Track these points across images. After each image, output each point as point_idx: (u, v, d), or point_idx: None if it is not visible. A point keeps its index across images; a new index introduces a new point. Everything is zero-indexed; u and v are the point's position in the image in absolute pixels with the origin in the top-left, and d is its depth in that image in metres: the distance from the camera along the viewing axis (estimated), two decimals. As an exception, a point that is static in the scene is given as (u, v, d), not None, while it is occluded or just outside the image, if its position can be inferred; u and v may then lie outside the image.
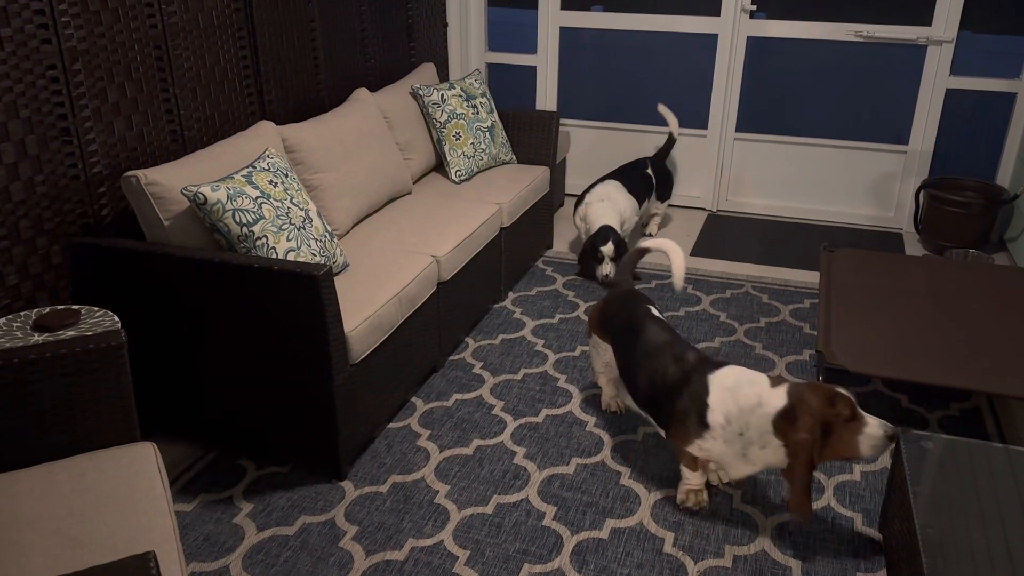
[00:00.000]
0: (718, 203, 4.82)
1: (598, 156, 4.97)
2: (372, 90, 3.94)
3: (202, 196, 2.37)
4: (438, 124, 3.77)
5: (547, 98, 4.94)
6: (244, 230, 2.42)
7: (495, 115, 3.94)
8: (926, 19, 4.18)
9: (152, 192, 2.43)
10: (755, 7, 4.39)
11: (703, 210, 4.85)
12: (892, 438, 2.09)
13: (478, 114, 3.85)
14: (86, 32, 2.44)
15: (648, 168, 4.23)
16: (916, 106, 4.34)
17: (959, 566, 1.78)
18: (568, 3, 4.72)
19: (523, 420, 2.83)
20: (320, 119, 3.20)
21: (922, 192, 4.30)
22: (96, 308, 2.27)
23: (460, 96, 3.83)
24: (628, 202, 3.98)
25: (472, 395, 2.97)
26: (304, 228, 2.58)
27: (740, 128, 4.66)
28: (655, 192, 4.28)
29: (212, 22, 2.93)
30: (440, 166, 3.96)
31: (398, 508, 2.41)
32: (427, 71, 4.09)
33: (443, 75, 4.84)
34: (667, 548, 2.27)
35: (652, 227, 4.46)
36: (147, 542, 1.61)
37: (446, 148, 3.77)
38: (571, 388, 3.01)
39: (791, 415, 2.09)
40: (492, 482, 2.52)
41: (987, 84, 4.21)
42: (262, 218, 2.45)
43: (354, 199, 3.17)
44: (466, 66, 4.97)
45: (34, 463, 1.84)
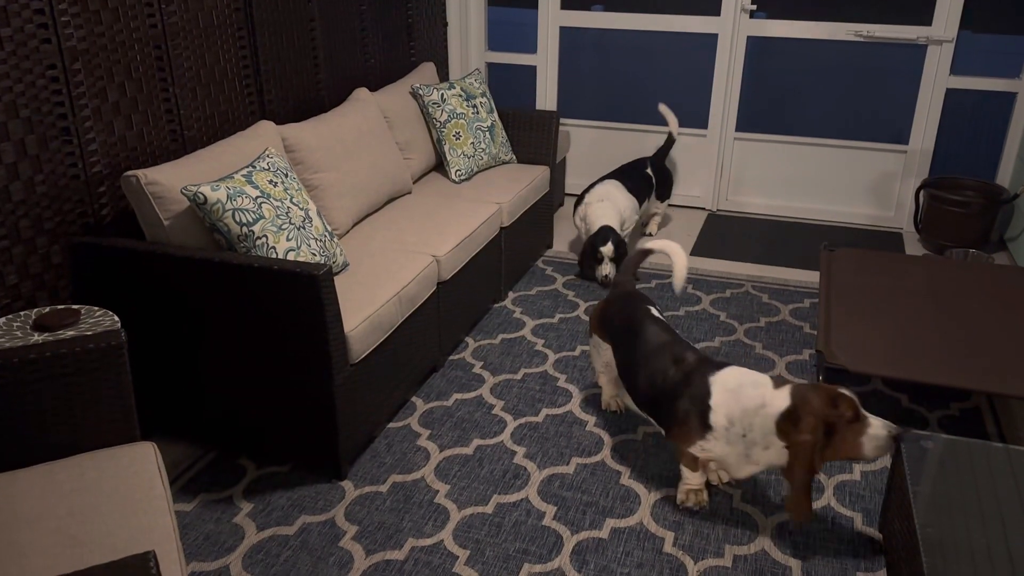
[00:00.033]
0: (718, 203, 4.82)
1: (598, 156, 4.97)
2: (372, 90, 3.94)
3: (202, 196, 2.37)
4: (438, 124, 3.77)
5: (547, 98, 4.94)
6: (244, 230, 2.42)
7: (495, 115, 3.94)
8: (926, 19, 4.18)
9: (152, 192, 2.43)
10: (755, 7, 4.39)
11: (703, 210, 4.85)
12: (896, 438, 2.08)
13: (478, 114, 3.85)
14: (86, 32, 2.44)
15: (648, 168, 4.23)
16: (916, 106, 4.34)
17: (959, 566, 1.78)
18: (568, 3, 4.72)
19: (523, 420, 2.83)
20: (320, 119, 3.20)
21: (922, 192, 4.30)
22: (96, 308, 2.27)
23: (460, 96, 3.83)
24: (628, 202, 3.97)
25: (472, 395, 2.97)
26: (304, 228, 2.58)
27: (740, 128, 4.66)
28: (655, 192, 4.28)
29: (212, 22, 2.93)
30: (440, 166, 3.96)
31: (398, 508, 2.41)
32: (427, 71, 4.09)
33: (443, 75, 4.84)
34: (667, 548, 2.27)
35: (652, 227, 4.46)
36: (147, 542, 1.61)
37: (446, 148, 3.77)
38: (571, 388, 3.01)
39: (794, 416, 2.09)
40: (492, 482, 2.52)
41: (987, 84, 4.20)
42: (262, 218, 2.45)
43: (354, 199, 3.17)
44: (466, 66, 4.97)
45: (34, 463, 1.84)
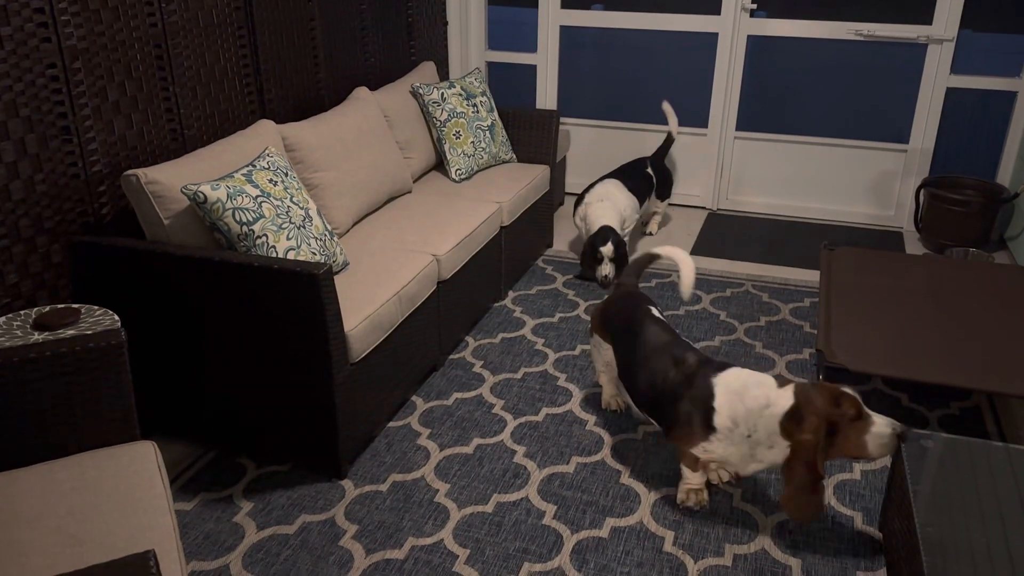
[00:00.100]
0: (718, 202, 4.82)
1: (598, 155, 4.97)
2: (372, 89, 3.94)
3: (202, 195, 2.37)
4: (438, 123, 3.76)
5: (547, 97, 4.94)
6: (244, 229, 2.42)
7: (495, 114, 3.94)
8: (926, 18, 4.18)
9: (152, 191, 2.43)
10: (755, 6, 4.39)
11: (703, 209, 4.84)
12: (900, 436, 2.08)
13: (478, 113, 3.85)
14: (86, 31, 2.44)
15: (648, 167, 4.23)
16: (916, 105, 4.33)
17: (959, 565, 1.78)
18: (568, 2, 4.71)
19: (523, 419, 2.83)
20: (320, 118, 3.20)
21: (922, 191, 4.30)
22: (96, 307, 2.27)
23: (460, 95, 3.83)
24: (628, 201, 3.97)
25: (472, 394, 2.97)
26: (304, 227, 2.58)
27: (740, 127, 4.66)
28: (655, 191, 4.28)
29: (212, 21, 2.93)
30: (440, 165, 3.96)
31: (398, 507, 2.41)
32: (427, 70, 4.09)
33: (443, 74, 4.84)
34: (667, 547, 2.27)
35: (652, 226, 4.46)
36: (147, 541, 1.61)
37: (446, 147, 3.77)
38: (571, 387, 3.01)
39: (797, 415, 2.09)
40: (492, 481, 2.52)
41: (987, 83, 4.20)
42: (262, 217, 2.45)
43: (354, 198, 3.17)
44: (466, 65, 4.97)
45: (34, 462, 1.84)
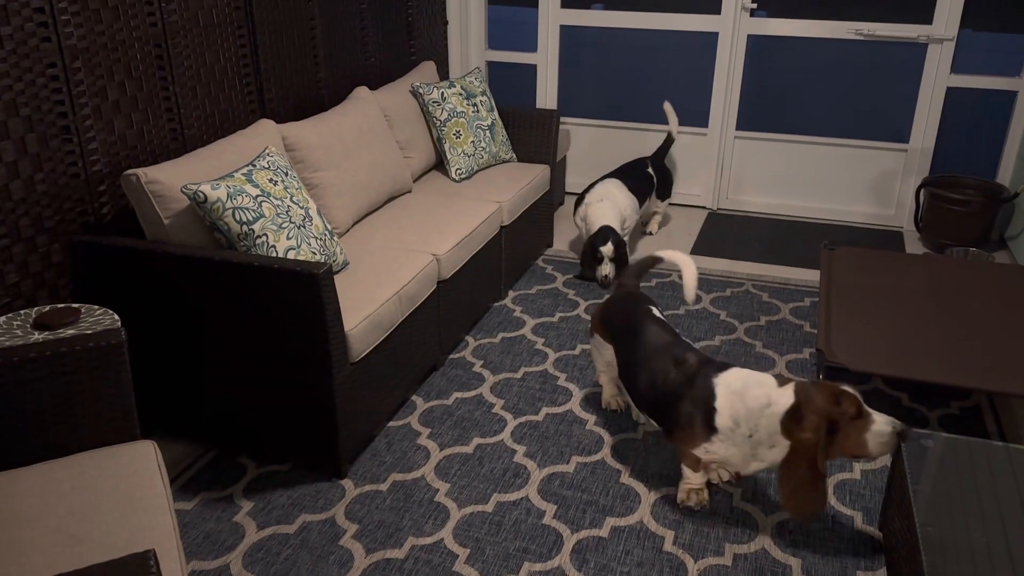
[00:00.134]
0: (718, 201, 4.82)
1: (598, 154, 4.97)
2: (372, 88, 3.94)
3: (202, 194, 2.37)
4: (438, 122, 3.76)
5: (547, 96, 4.94)
6: (244, 228, 2.42)
7: (495, 113, 3.94)
8: (927, 17, 4.18)
9: (152, 190, 2.43)
10: (755, 5, 4.39)
11: (703, 208, 4.84)
12: (901, 434, 2.08)
13: (478, 112, 3.85)
14: (86, 30, 2.44)
15: (649, 167, 4.23)
16: (916, 104, 4.33)
17: (959, 564, 1.78)
18: (568, 1, 4.71)
19: (523, 418, 2.83)
20: (320, 117, 3.20)
21: (922, 190, 4.30)
22: (96, 306, 2.27)
23: (460, 94, 3.83)
24: (629, 201, 3.97)
25: (472, 393, 2.97)
26: (304, 226, 2.58)
27: (740, 126, 4.66)
28: (655, 191, 4.28)
29: (212, 20, 2.93)
30: (440, 164, 3.96)
31: (398, 506, 2.41)
32: (427, 69, 4.08)
33: (443, 73, 4.84)
34: (667, 546, 2.27)
35: (652, 226, 4.46)
36: (147, 540, 1.61)
37: (446, 146, 3.77)
38: (571, 386, 3.01)
39: (798, 414, 2.09)
40: (492, 480, 2.52)
41: (988, 82, 4.20)
42: (262, 216, 2.45)
43: (354, 197, 3.17)
44: (466, 64, 4.97)
45: (34, 461, 1.84)
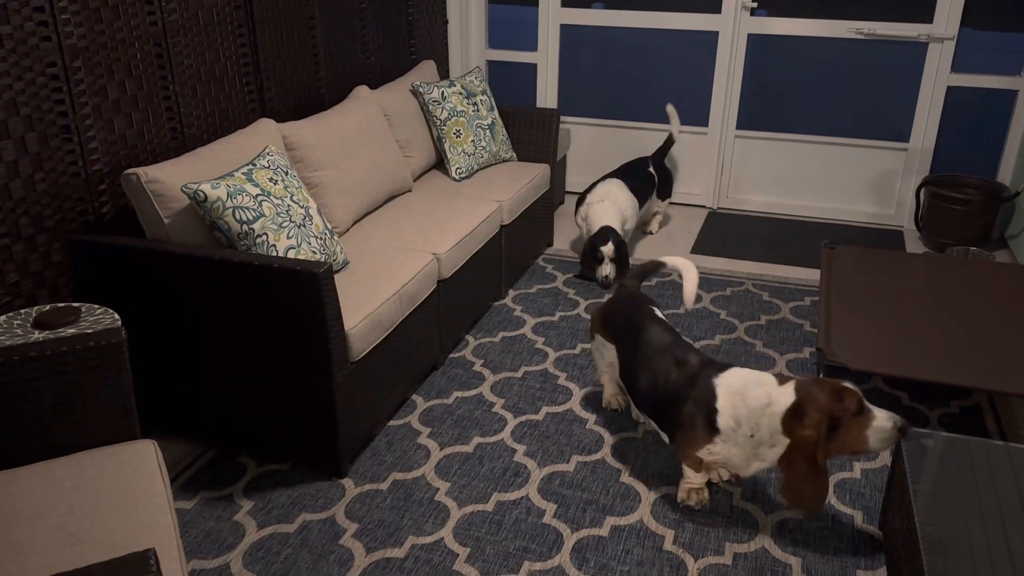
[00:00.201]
0: (719, 200, 4.82)
1: (598, 154, 4.97)
2: (372, 87, 3.94)
3: (202, 194, 2.37)
4: (438, 121, 3.76)
5: (547, 95, 4.94)
6: (244, 228, 2.42)
7: (495, 112, 3.94)
8: (927, 16, 4.18)
9: (152, 190, 2.43)
10: (756, 4, 4.39)
11: (704, 208, 4.84)
12: (902, 430, 2.07)
13: (478, 111, 3.85)
14: (86, 29, 2.44)
15: (650, 167, 4.23)
16: (917, 103, 4.33)
17: (959, 564, 1.78)
18: (569, 0, 4.71)
19: (523, 418, 2.83)
20: (320, 116, 3.20)
21: (923, 189, 4.29)
22: (96, 306, 2.27)
23: (460, 93, 3.83)
24: (630, 201, 3.97)
25: (472, 393, 2.97)
26: (304, 226, 2.58)
27: (741, 125, 4.66)
28: (656, 191, 4.28)
29: (212, 19, 2.93)
30: (440, 164, 3.96)
31: (398, 505, 2.41)
32: (427, 68, 4.08)
33: (443, 72, 4.84)
34: (667, 546, 2.27)
35: (653, 225, 4.46)
36: (147, 539, 1.61)
37: (446, 145, 3.77)
38: (571, 386, 3.01)
39: (799, 411, 2.09)
40: (492, 480, 2.52)
41: (988, 81, 4.20)
42: (262, 216, 2.45)
43: (354, 197, 3.17)
44: (466, 63, 4.97)
45: (34, 460, 1.84)
